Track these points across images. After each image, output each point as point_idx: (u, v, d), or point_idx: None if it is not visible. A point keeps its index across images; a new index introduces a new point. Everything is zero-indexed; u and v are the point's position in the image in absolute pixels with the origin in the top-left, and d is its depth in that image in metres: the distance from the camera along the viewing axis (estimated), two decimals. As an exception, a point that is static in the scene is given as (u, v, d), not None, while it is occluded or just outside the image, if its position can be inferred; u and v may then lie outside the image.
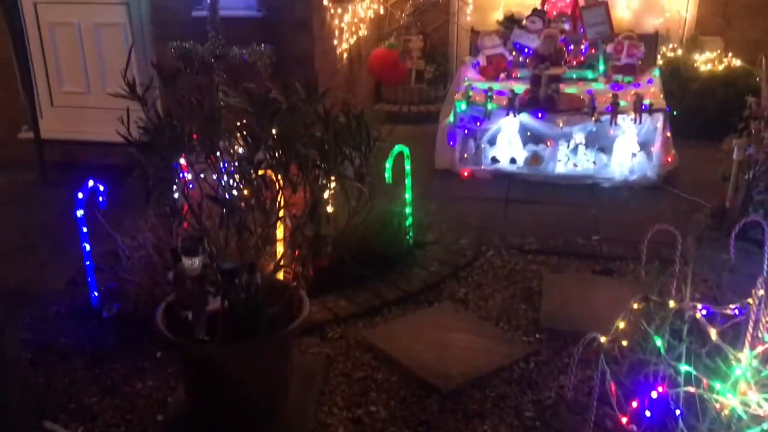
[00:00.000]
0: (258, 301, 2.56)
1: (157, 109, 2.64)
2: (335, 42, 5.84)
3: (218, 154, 2.57)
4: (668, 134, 5.34)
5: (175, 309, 2.61)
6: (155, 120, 2.51)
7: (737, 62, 6.22)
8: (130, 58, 2.91)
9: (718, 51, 6.39)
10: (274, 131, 2.55)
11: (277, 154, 2.52)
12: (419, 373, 3.04)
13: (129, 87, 2.50)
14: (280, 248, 2.90)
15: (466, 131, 5.52)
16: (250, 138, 2.54)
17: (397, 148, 3.84)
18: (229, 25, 4.92)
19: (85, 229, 3.42)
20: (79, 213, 3.39)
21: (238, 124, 2.64)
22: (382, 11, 7.20)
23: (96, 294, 3.53)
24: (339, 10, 5.83)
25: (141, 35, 5.39)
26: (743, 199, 4.04)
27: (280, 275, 2.79)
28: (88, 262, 3.47)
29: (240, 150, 2.59)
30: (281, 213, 2.62)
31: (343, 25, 5.98)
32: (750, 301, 2.39)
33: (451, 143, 5.54)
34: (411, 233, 4.08)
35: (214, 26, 4.82)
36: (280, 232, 2.89)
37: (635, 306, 2.63)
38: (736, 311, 2.53)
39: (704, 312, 2.48)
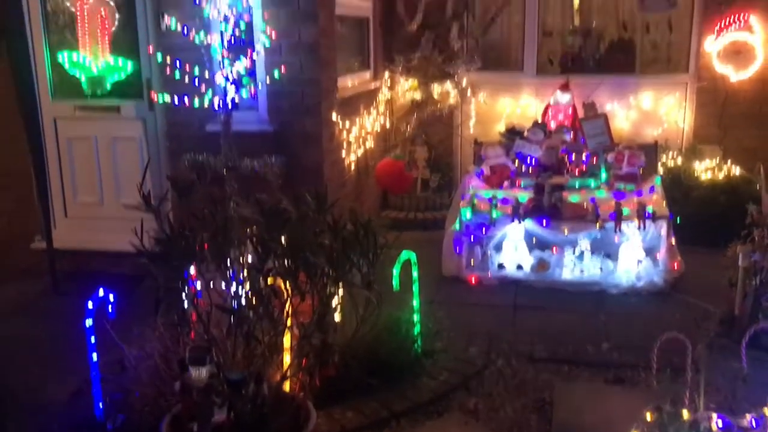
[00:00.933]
0: (264, 413, 2.53)
1: (169, 219, 2.71)
2: (343, 154, 6.02)
3: (228, 263, 2.61)
4: (673, 241, 5.39)
5: (181, 420, 2.57)
6: (168, 231, 2.58)
7: (737, 170, 6.35)
8: (146, 173, 3.01)
9: (717, 159, 6.54)
10: (283, 240, 2.61)
11: (286, 263, 2.57)
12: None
13: (144, 200, 2.58)
14: (287, 357, 2.89)
15: (472, 238, 5.58)
16: (260, 247, 2.59)
17: (404, 254, 3.88)
18: (241, 139, 5.11)
19: (93, 339, 3.42)
20: (88, 323, 3.39)
21: (249, 232, 2.71)
22: (388, 124, 7.46)
23: (101, 405, 3.48)
24: (347, 124, 6.05)
25: (156, 148, 5.59)
26: (752, 306, 4.02)
27: (287, 385, 2.76)
28: (93, 373, 3.45)
29: (250, 259, 2.63)
30: (289, 322, 2.63)
31: (351, 138, 6.19)
32: (766, 411, 2.34)
33: (458, 250, 5.58)
34: (419, 341, 4.05)
35: (227, 140, 5.00)
36: (287, 341, 2.89)
37: (648, 416, 2.58)
38: (753, 422, 2.48)
39: (720, 423, 2.43)
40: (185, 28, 4.91)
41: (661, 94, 6.99)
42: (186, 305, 2.65)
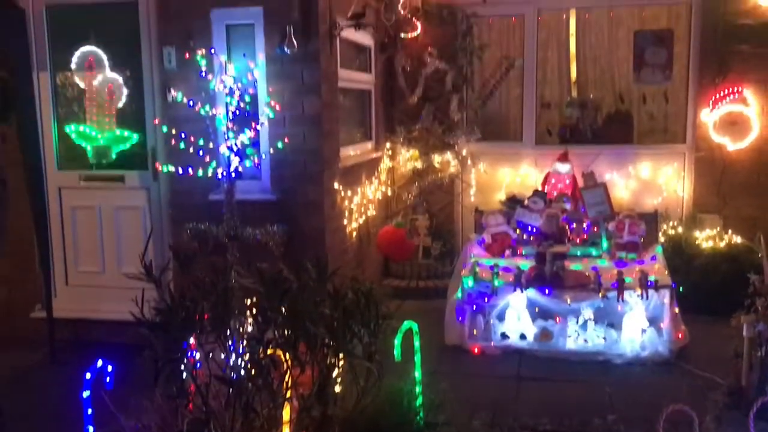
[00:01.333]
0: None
1: (170, 289, 2.71)
2: (345, 221, 6.06)
3: (228, 333, 2.60)
4: (676, 310, 5.35)
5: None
6: (168, 300, 2.58)
7: (737, 239, 6.36)
8: (149, 243, 3.03)
9: (718, 228, 6.56)
10: (283, 310, 2.60)
11: (286, 333, 2.55)
12: None
13: (146, 270, 2.58)
14: (286, 430, 2.83)
15: (474, 307, 5.55)
16: (260, 317, 2.58)
17: (406, 324, 3.84)
18: (244, 207, 5.16)
19: (89, 411, 3.36)
20: (85, 394, 3.34)
21: (249, 302, 2.70)
22: (389, 193, 7.53)
23: (95, 479, 3.39)
24: (349, 193, 6.11)
25: (159, 217, 5.63)
26: (759, 377, 3.96)
27: (286, 460, 2.71)
28: (88, 446, 3.37)
29: (250, 329, 2.62)
30: (288, 393, 2.59)
31: (352, 206, 6.24)
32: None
33: (460, 319, 5.55)
34: (421, 413, 3.96)
35: (230, 209, 5.05)
36: (286, 413, 2.84)
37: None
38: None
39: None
40: (191, 101, 5.03)
41: (660, 164, 7.08)
42: (185, 376, 2.61)
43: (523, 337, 5.47)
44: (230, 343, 2.59)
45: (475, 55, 7.28)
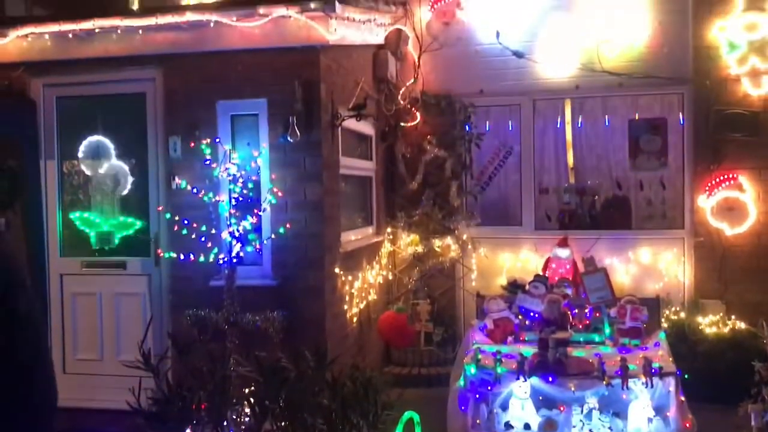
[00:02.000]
0: None
1: (167, 378, 2.69)
2: (345, 306, 6.04)
3: (225, 424, 2.56)
4: (682, 398, 5.24)
5: None
6: (165, 390, 2.55)
7: (741, 325, 6.31)
8: (148, 331, 3.03)
9: (721, 314, 6.52)
10: (282, 400, 2.57)
11: (283, 425, 2.51)
12: None
13: (144, 358, 2.57)
14: None
15: (477, 395, 5.44)
16: (257, 407, 2.55)
17: (407, 414, 3.78)
18: (244, 293, 5.16)
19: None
20: (77, 487, 3.26)
21: (247, 391, 2.67)
22: (390, 277, 7.53)
23: None
24: (350, 277, 6.12)
25: (159, 303, 5.63)
26: (770, 468, 3.85)
27: None
28: None
29: (247, 420, 2.58)
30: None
31: (353, 290, 6.23)
32: None
33: (463, 408, 5.42)
34: (422, 508, 3.84)
35: (230, 295, 5.05)
36: None
37: None
38: None
39: None
40: (195, 188, 5.13)
41: (659, 249, 7.11)
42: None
43: (527, 426, 5.34)
44: (227, 434, 2.55)
45: (474, 143, 7.45)
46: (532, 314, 6.11)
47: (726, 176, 6.71)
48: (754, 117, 6.68)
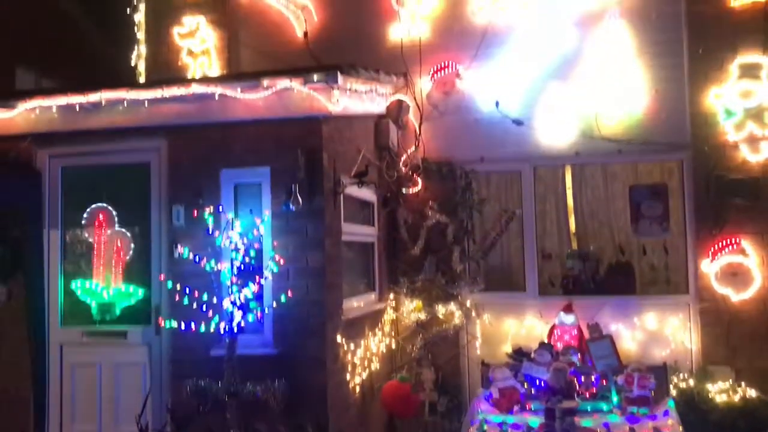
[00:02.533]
0: None
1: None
2: (348, 376, 5.94)
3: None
4: (695, 470, 5.11)
5: None
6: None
7: (752, 392, 6.19)
8: (147, 403, 2.98)
9: (730, 381, 6.40)
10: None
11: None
12: None
13: (141, 433, 2.52)
14: None
15: (483, 469, 5.30)
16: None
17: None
18: (245, 362, 5.09)
19: None
20: None
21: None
22: (393, 345, 7.44)
23: None
24: (352, 346, 6.04)
25: (159, 374, 5.56)
26: None
27: None
28: None
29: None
30: None
31: (356, 360, 6.14)
32: None
33: (469, 483, 5.28)
34: None
35: (231, 364, 4.99)
36: None
37: None
38: None
39: None
40: (197, 256, 5.13)
41: (665, 315, 7.03)
42: None
43: (535, 500, 5.19)
44: None
45: (475, 209, 7.48)
46: (538, 382, 6.02)
47: (729, 241, 6.70)
48: (754, 183, 6.71)
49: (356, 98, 6.00)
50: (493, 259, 7.69)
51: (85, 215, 5.85)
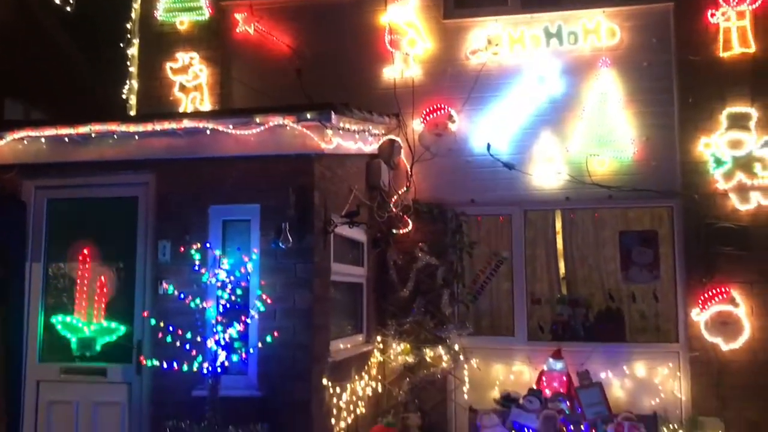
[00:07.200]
0: None
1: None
2: (333, 421, 5.80)
3: None
4: None
5: None
6: None
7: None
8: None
9: (720, 431, 6.31)
10: None
11: None
12: None
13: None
14: None
15: None
16: None
17: None
18: (227, 404, 4.96)
19: None
20: None
21: None
22: (380, 388, 7.29)
23: None
24: (338, 389, 5.91)
25: (139, 414, 5.39)
26: None
27: None
28: None
29: None
30: None
31: (341, 403, 6.00)
32: None
33: None
34: None
35: (213, 406, 4.85)
36: None
37: None
38: None
39: None
40: (182, 293, 5.03)
41: (654, 363, 6.96)
42: None
43: None
44: None
45: (465, 251, 7.44)
46: (526, 430, 5.91)
47: (719, 290, 6.68)
48: (744, 231, 6.74)
49: (349, 137, 5.99)
50: (482, 302, 7.61)
51: (69, 249, 5.73)
